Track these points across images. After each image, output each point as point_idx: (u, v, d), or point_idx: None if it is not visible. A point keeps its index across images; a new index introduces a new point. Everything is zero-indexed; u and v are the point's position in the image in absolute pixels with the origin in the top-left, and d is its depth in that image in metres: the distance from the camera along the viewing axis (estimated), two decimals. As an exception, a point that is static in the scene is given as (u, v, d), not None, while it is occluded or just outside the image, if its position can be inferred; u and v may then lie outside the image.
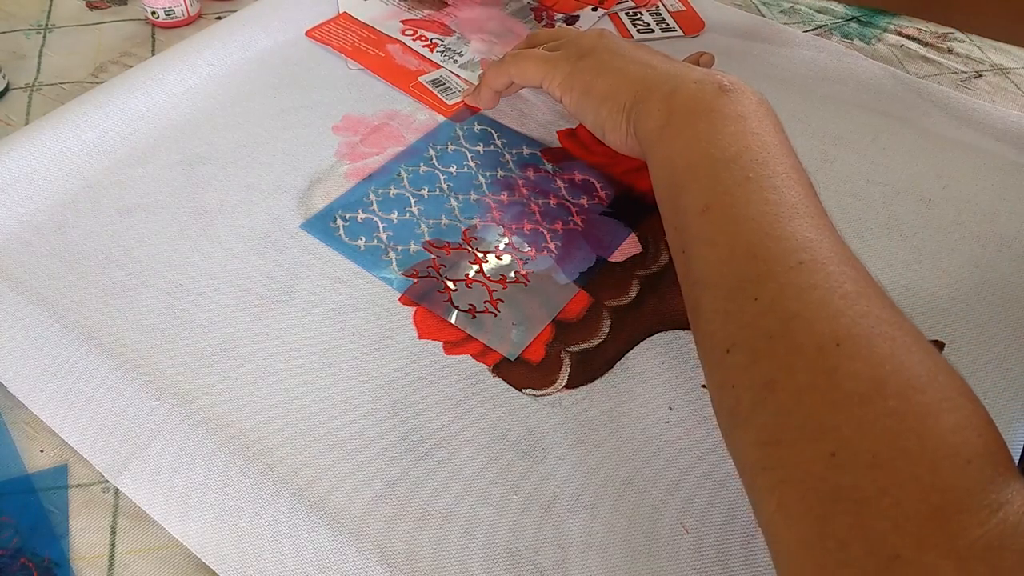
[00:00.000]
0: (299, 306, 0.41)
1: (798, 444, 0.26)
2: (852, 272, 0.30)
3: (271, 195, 0.46)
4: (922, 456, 0.25)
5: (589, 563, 0.32)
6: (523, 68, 0.46)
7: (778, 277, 0.30)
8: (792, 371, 0.28)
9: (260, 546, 0.32)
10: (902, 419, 0.25)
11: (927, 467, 0.24)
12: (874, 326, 0.28)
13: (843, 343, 0.27)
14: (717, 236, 0.33)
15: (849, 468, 0.25)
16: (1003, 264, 0.44)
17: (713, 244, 0.33)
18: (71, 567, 0.32)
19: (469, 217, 0.45)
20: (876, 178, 0.49)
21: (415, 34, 0.58)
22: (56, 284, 0.41)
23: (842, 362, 0.27)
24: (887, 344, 0.27)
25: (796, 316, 0.28)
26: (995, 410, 0.37)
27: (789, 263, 0.30)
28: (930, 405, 0.26)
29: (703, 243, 0.33)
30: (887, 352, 0.27)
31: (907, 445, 0.25)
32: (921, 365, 0.27)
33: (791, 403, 0.27)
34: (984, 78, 0.58)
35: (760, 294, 0.30)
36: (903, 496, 0.24)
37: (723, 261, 0.32)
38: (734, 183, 0.33)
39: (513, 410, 0.37)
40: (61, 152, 0.47)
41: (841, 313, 0.28)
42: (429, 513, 0.34)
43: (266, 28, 0.56)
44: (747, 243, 0.32)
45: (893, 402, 0.26)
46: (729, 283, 0.31)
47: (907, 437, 0.25)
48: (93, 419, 0.36)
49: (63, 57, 0.57)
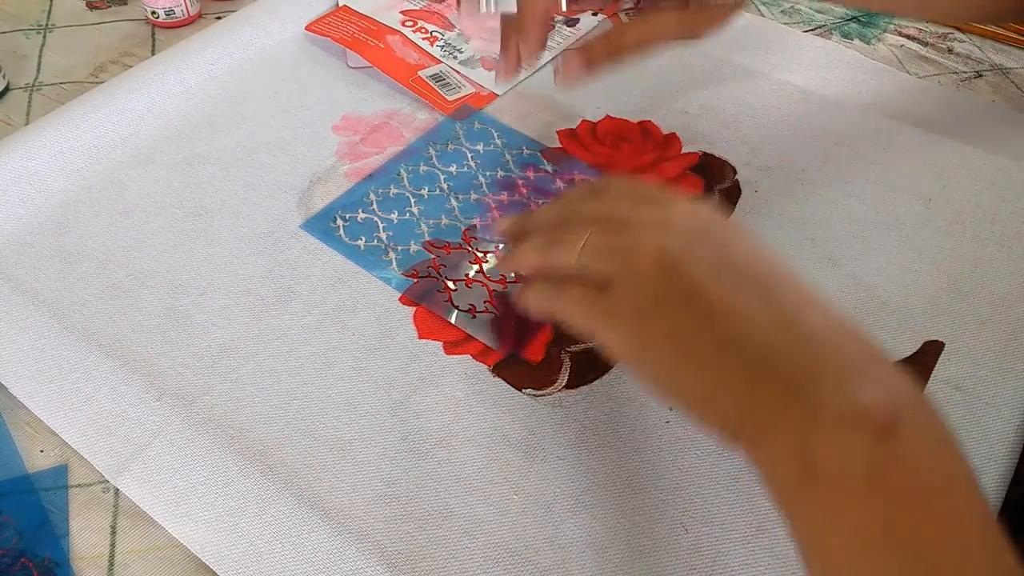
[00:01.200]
0: (299, 306, 0.41)
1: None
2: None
3: (271, 195, 0.46)
4: None
5: (589, 563, 0.32)
6: (565, 311, 0.33)
7: None
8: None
9: (260, 546, 0.32)
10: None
11: None
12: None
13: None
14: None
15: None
16: (1003, 264, 0.44)
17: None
18: (71, 567, 0.32)
19: (469, 217, 0.45)
20: (876, 178, 0.49)
21: (415, 25, 0.58)
22: (56, 285, 0.41)
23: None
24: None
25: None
26: (995, 410, 0.37)
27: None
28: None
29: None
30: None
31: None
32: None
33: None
34: (984, 78, 0.58)
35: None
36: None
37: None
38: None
39: (513, 410, 0.37)
40: (61, 152, 0.47)
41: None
42: (429, 513, 0.34)
43: (266, 28, 0.56)
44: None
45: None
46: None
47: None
48: (93, 419, 0.36)
49: (63, 57, 0.57)
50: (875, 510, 0.25)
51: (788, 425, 0.27)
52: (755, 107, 0.53)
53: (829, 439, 0.26)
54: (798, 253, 0.44)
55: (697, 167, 0.49)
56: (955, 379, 0.39)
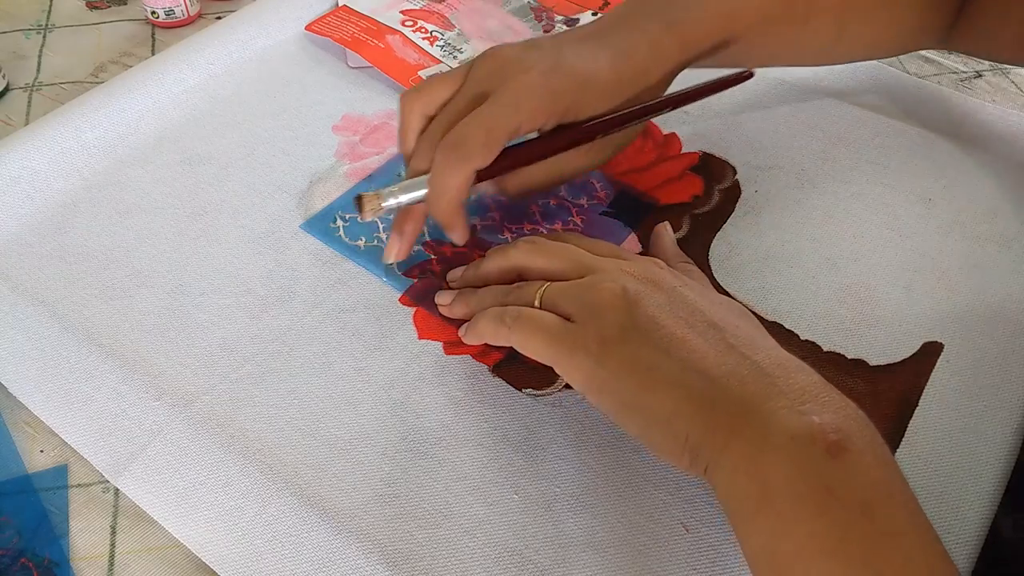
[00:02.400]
0: (299, 306, 0.41)
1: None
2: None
3: (271, 195, 0.46)
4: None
5: (589, 563, 0.32)
6: (525, 338, 0.34)
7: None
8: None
9: (260, 546, 0.32)
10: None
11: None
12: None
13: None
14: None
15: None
16: (1003, 264, 0.44)
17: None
18: (71, 567, 0.32)
19: (469, 217, 0.45)
20: (876, 178, 0.49)
21: (415, 25, 0.58)
22: (56, 285, 0.41)
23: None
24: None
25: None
26: (995, 410, 0.37)
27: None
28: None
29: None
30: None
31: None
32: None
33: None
34: (984, 78, 0.58)
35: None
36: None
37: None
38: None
39: (513, 410, 0.37)
40: (61, 152, 0.47)
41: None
42: (429, 513, 0.34)
43: (266, 28, 0.56)
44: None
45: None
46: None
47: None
48: (93, 419, 0.36)
49: (63, 57, 0.58)
50: (826, 522, 0.26)
51: (743, 445, 0.28)
52: (755, 107, 0.53)
53: (783, 456, 0.28)
54: (798, 253, 0.44)
55: (697, 167, 0.49)
56: (954, 379, 0.39)
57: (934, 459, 0.36)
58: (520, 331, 0.34)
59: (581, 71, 0.37)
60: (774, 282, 0.43)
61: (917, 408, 0.37)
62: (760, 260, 0.44)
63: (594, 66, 0.38)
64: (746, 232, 0.45)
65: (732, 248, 0.44)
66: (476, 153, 0.35)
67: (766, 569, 0.28)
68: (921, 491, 0.34)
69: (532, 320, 0.34)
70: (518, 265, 0.38)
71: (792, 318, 0.41)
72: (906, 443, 0.36)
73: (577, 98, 0.37)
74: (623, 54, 0.39)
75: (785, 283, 0.43)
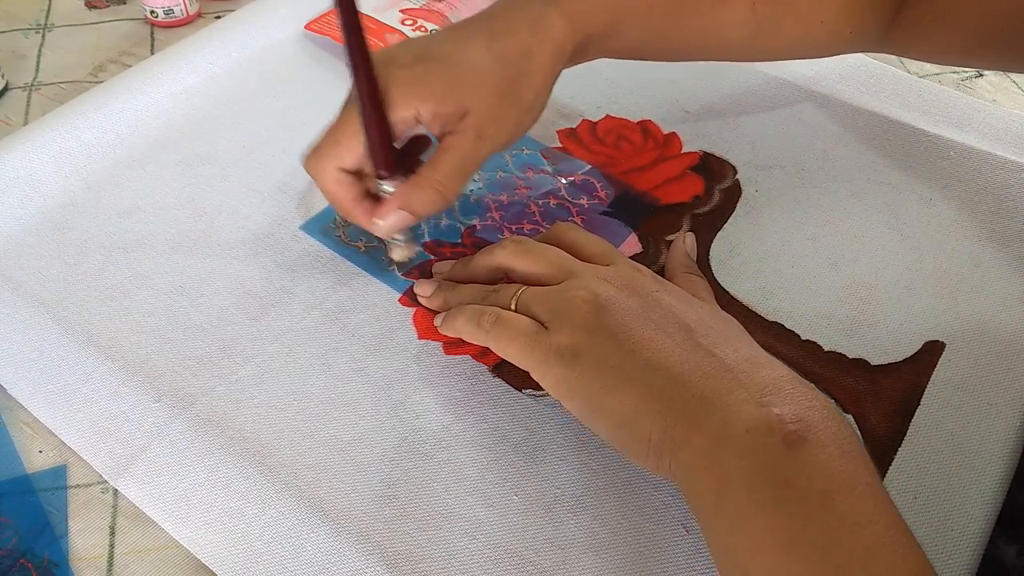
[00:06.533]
0: (299, 307, 0.41)
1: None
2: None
3: (271, 196, 0.46)
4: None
5: (589, 564, 0.32)
6: (501, 344, 0.35)
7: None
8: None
9: (260, 547, 0.32)
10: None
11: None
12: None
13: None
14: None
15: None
16: (1003, 264, 0.44)
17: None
18: (70, 567, 0.32)
19: (468, 217, 0.45)
20: (876, 178, 0.49)
21: (415, 24, 0.58)
22: (55, 286, 0.41)
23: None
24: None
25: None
26: (995, 410, 0.37)
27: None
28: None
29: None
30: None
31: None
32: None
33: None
34: (984, 78, 0.58)
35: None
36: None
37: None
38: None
39: (513, 410, 0.37)
40: (60, 152, 0.47)
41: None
42: (429, 513, 0.34)
43: (265, 27, 0.56)
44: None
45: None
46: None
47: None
48: (93, 421, 0.36)
49: (62, 57, 0.57)
50: (784, 513, 0.26)
51: (702, 439, 0.29)
52: (755, 107, 0.53)
53: (740, 448, 0.28)
54: (798, 253, 0.44)
55: (697, 166, 0.49)
56: (955, 379, 0.39)
57: (936, 458, 0.36)
58: (497, 335, 0.35)
59: (452, 55, 0.37)
60: (775, 282, 0.43)
61: (919, 407, 0.37)
62: (760, 260, 0.44)
63: (468, 48, 0.37)
64: (746, 232, 0.45)
65: (732, 248, 0.44)
66: (330, 152, 0.37)
67: (728, 565, 0.28)
68: (923, 490, 0.35)
69: (510, 325, 0.35)
70: (503, 265, 0.38)
71: (793, 318, 0.41)
72: (908, 442, 0.36)
73: (451, 82, 0.36)
74: (501, 34, 0.37)
75: (786, 283, 0.43)
